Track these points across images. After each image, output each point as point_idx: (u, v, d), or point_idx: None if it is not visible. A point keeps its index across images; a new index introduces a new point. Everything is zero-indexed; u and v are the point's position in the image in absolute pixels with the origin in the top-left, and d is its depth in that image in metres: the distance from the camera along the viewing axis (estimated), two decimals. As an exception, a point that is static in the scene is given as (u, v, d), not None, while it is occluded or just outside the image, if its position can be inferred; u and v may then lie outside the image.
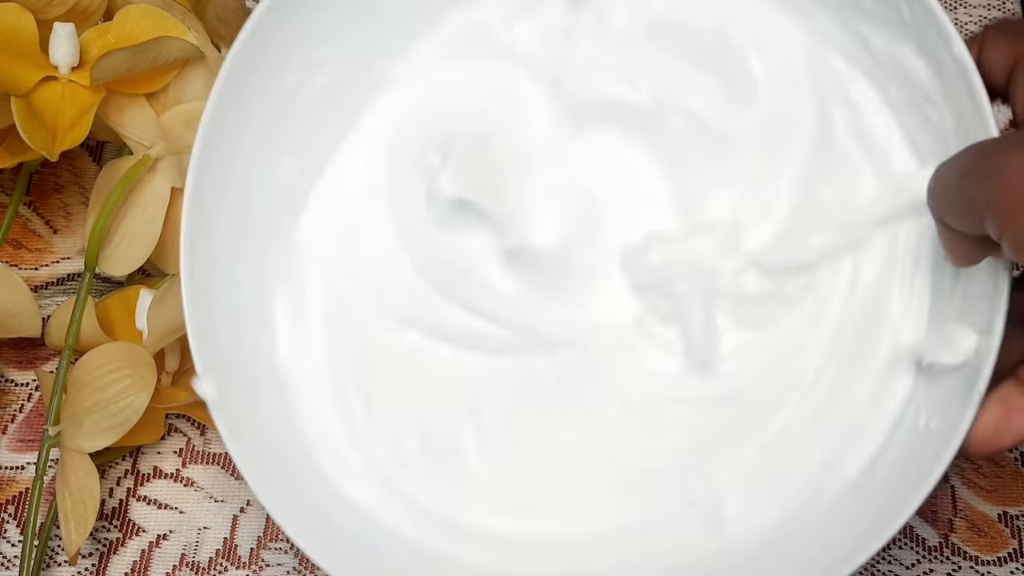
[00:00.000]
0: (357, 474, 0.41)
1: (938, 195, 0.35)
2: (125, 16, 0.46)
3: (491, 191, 0.42)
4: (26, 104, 0.43)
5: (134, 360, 0.44)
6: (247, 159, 0.41)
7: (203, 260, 0.40)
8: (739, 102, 0.41)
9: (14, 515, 0.47)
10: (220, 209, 0.40)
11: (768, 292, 0.40)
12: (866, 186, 0.39)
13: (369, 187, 0.43)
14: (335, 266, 0.43)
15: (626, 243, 0.41)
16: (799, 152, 0.40)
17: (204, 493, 0.47)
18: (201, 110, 0.46)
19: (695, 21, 0.41)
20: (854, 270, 0.39)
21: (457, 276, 0.42)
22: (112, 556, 0.46)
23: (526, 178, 0.42)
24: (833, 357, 0.39)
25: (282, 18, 0.40)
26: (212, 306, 0.40)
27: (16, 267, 0.52)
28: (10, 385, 0.50)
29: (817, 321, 0.40)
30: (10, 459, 0.48)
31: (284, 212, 0.43)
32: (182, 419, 0.49)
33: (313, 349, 0.42)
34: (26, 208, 0.53)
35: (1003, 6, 0.56)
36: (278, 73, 0.41)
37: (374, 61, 0.43)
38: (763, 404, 0.39)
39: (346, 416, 0.42)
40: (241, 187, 0.41)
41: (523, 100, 0.43)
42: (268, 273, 0.42)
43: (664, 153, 0.42)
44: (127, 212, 0.46)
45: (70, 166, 0.54)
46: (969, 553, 0.45)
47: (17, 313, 0.46)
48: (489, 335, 0.42)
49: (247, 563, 0.46)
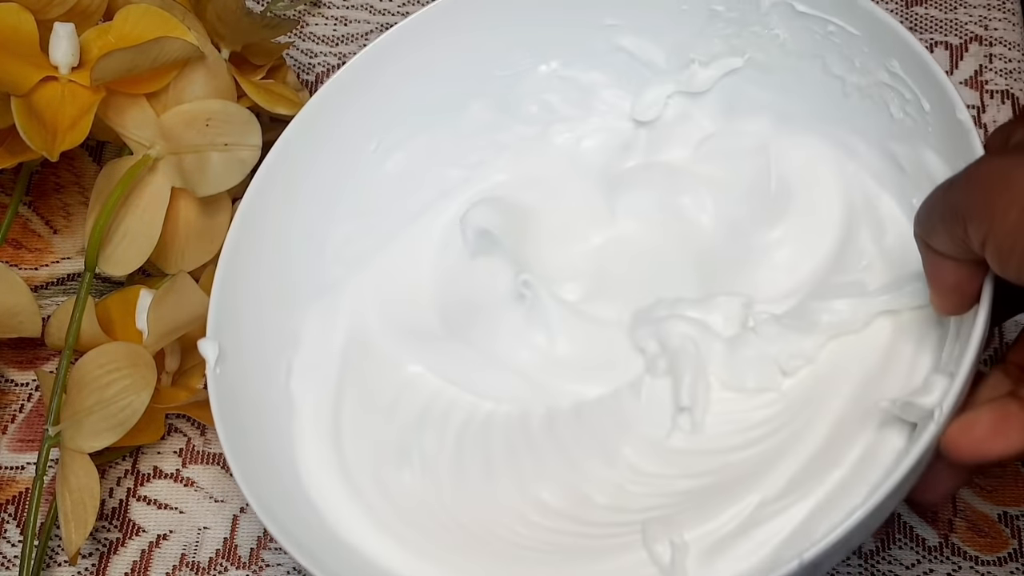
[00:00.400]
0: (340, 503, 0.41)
1: (923, 215, 0.35)
2: (125, 16, 0.46)
3: (517, 235, 0.45)
4: (26, 104, 0.43)
5: (134, 360, 0.44)
6: (302, 205, 0.45)
7: (237, 274, 0.42)
8: (775, 214, 0.44)
9: (14, 515, 0.47)
10: (266, 238, 0.44)
11: (766, 359, 0.41)
12: (876, 279, 0.41)
13: (426, 247, 0.47)
14: (365, 299, 0.46)
15: (638, 306, 0.43)
16: (821, 255, 0.43)
17: (204, 493, 0.47)
18: (201, 110, 0.46)
19: (740, 145, 0.45)
20: (854, 343, 0.40)
21: (472, 315, 0.45)
22: (112, 556, 0.46)
23: (556, 235, 0.46)
24: (825, 425, 0.39)
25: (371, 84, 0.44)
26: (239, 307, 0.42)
27: (16, 267, 0.52)
28: (10, 385, 0.50)
29: (813, 391, 0.40)
30: (10, 459, 0.48)
31: (337, 266, 0.46)
32: (182, 419, 0.49)
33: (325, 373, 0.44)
34: (26, 208, 0.53)
35: (1003, 6, 0.56)
36: (359, 135, 0.45)
37: (449, 154, 0.47)
38: (744, 470, 0.39)
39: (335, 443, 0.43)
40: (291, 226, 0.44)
41: (567, 182, 0.47)
42: (299, 295, 0.45)
43: (694, 245, 0.45)
44: (127, 212, 0.46)
45: (70, 166, 0.54)
46: (969, 553, 0.45)
47: (17, 313, 0.46)
48: (489, 379, 0.44)
49: (247, 563, 0.46)
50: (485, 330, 0.45)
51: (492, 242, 0.45)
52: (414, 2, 0.58)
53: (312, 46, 0.57)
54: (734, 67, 0.46)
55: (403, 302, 0.46)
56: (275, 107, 0.48)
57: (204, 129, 0.45)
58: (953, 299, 0.35)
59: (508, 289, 0.45)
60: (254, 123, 0.46)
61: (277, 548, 0.46)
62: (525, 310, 0.45)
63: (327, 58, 0.56)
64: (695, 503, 0.39)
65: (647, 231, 0.46)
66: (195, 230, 0.47)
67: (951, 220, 0.33)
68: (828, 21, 0.42)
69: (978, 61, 0.55)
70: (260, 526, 0.47)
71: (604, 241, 0.46)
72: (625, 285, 0.45)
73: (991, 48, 0.55)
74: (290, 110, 0.49)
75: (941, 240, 0.34)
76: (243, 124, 0.45)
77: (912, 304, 0.39)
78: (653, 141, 0.47)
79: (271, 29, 0.50)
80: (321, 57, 0.56)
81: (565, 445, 0.42)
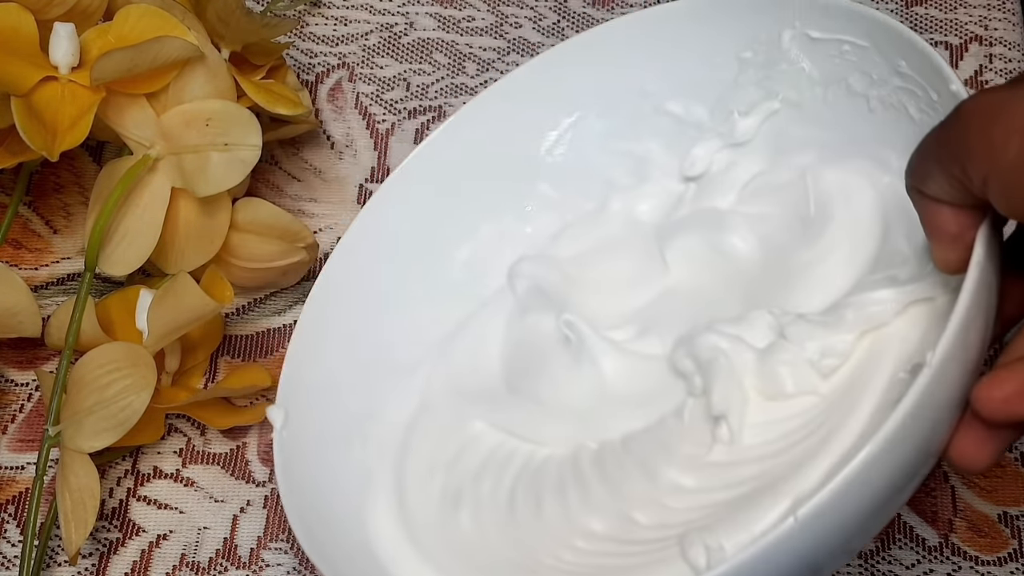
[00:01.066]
0: None
1: (915, 161, 0.33)
2: (125, 16, 0.46)
3: (567, 289, 0.46)
4: (26, 104, 0.43)
5: (134, 360, 0.43)
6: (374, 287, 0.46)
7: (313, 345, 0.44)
8: (813, 235, 0.44)
9: (14, 515, 0.47)
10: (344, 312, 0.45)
11: (801, 363, 0.40)
12: (908, 271, 0.40)
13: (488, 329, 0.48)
14: (439, 376, 0.46)
15: (679, 335, 0.43)
16: (858, 266, 0.42)
17: (204, 493, 0.47)
18: (201, 110, 0.46)
19: (779, 179, 0.46)
20: (885, 337, 0.39)
21: (526, 367, 0.46)
22: (112, 556, 0.46)
23: (606, 290, 0.47)
24: (862, 421, 0.39)
25: None
26: None
27: (16, 267, 0.52)
28: (10, 385, 0.50)
29: (848, 390, 0.39)
30: (10, 459, 0.48)
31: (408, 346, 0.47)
32: (182, 419, 0.49)
33: None
34: (26, 208, 0.53)
35: (1003, 6, 0.56)
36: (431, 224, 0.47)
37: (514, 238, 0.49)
38: (780, 475, 0.39)
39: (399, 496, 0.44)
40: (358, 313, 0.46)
41: (620, 242, 0.48)
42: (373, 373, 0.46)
43: (738, 278, 0.45)
44: (127, 212, 0.46)
45: (70, 166, 0.54)
46: (969, 553, 0.45)
47: (17, 313, 0.46)
48: (546, 426, 0.44)
49: (247, 563, 0.46)
50: (538, 378, 0.45)
51: (544, 298, 0.46)
52: (414, 2, 0.58)
53: (312, 46, 0.57)
54: (773, 110, 0.47)
55: (470, 372, 0.47)
56: (275, 107, 0.48)
57: (204, 129, 0.45)
58: (957, 250, 0.33)
59: (554, 333, 0.46)
60: (254, 123, 0.46)
61: (277, 548, 0.46)
62: (572, 352, 0.45)
63: (327, 58, 0.56)
64: (731, 511, 0.38)
65: (694, 273, 0.46)
66: (195, 230, 0.47)
67: (947, 160, 0.31)
68: (841, 41, 0.43)
69: (978, 61, 0.55)
70: (260, 526, 0.47)
71: (657, 294, 0.47)
72: (670, 322, 0.45)
73: (991, 48, 0.55)
74: (290, 110, 0.49)
75: (938, 185, 0.32)
76: (243, 124, 0.45)
77: (944, 291, 0.38)
78: (701, 191, 0.48)
79: (271, 29, 0.50)
80: (321, 57, 0.56)
81: (610, 475, 0.42)
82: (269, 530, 0.47)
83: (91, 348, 0.44)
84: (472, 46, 0.57)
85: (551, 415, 0.44)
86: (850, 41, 0.43)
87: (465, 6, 0.58)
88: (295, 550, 0.46)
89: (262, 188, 0.53)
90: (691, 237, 0.47)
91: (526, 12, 0.58)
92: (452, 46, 0.57)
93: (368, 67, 0.56)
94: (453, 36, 0.57)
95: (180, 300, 0.44)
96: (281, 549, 0.46)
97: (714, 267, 0.46)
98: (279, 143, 0.54)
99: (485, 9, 0.58)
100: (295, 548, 0.46)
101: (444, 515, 0.43)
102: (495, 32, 0.57)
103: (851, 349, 0.39)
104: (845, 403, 0.39)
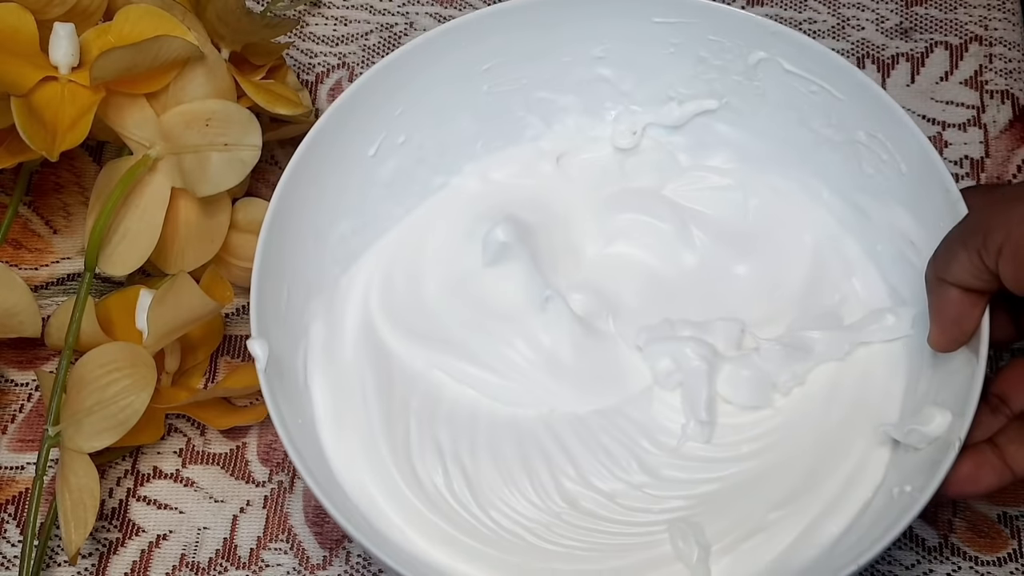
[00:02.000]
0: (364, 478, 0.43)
1: (942, 251, 0.39)
2: (125, 16, 0.46)
3: (530, 249, 0.47)
4: (26, 104, 0.43)
5: (134, 360, 0.43)
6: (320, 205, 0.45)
7: (270, 265, 0.43)
8: (748, 247, 0.48)
9: (14, 515, 0.47)
10: (292, 238, 0.44)
11: (763, 379, 0.45)
12: (851, 314, 0.46)
13: (425, 247, 0.48)
14: (378, 303, 0.47)
15: (645, 323, 0.46)
16: (794, 285, 0.47)
17: (204, 493, 0.47)
18: (201, 110, 0.46)
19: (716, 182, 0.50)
20: (839, 368, 0.45)
21: (487, 322, 0.47)
22: (112, 556, 0.46)
23: (558, 249, 0.48)
24: (818, 440, 0.44)
25: (372, 101, 0.46)
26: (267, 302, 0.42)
27: (16, 267, 0.52)
28: (10, 385, 0.50)
29: (805, 409, 0.45)
30: (10, 459, 0.48)
31: (336, 264, 0.47)
32: (182, 419, 0.49)
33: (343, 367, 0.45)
34: (26, 208, 0.53)
35: (1003, 6, 0.56)
36: (362, 142, 0.46)
37: (447, 154, 0.49)
38: (751, 478, 0.44)
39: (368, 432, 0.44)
40: (308, 232, 0.45)
41: (560, 200, 0.49)
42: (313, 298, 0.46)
43: (680, 270, 0.48)
44: (127, 212, 0.46)
45: (70, 166, 0.54)
46: (969, 553, 0.45)
47: (17, 313, 0.46)
48: (509, 386, 0.46)
49: (247, 563, 0.46)
50: (501, 337, 0.46)
51: (508, 254, 0.47)
52: (414, 2, 0.58)
53: (312, 46, 0.57)
54: (709, 108, 0.49)
55: (410, 303, 0.47)
56: (275, 107, 0.48)
57: (204, 129, 0.45)
58: (952, 333, 0.40)
59: (525, 299, 0.47)
60: (254, 123, 0.46)
61: (277, 548, 0.46)
62: (544, 322, 0.46)
63: (327, 58, 0.56)
64: (713, 507, 0.43)
65: (636, 252, 0.49)
66: (195, 230, 0.47)
67: (970, 235, 0.38)
68: (812, 82, 0.45)
69: (978, 61, 0.55)
70: (260, 526, 0.47)
71: (600, 256, 0.49)
72: (625, 301, 0.48)
73: (991, 48, 0.55)
74: (290, 110, 0.49)
75: (959, 264, 0.38)
76: (243, 124, 0.45)
77: (883, 338, 0.45)
78: (631, 168, 0.50)
79: (271, 29, 0.50)
80: (321, 57, 0.56)
81: (591, 448, 0.44)
82: (269, 530, 0.47)
83: (91, 348, 0.44)
84: (472, 46, 0.57)
85: (513, 376, 0.46)
86: (825, 88, 0.45)
87: (465, 6, 0.58)
88: (295, 550, 0.46)
89: (262, 188, 0.53)
90: (629, 216, 0.49)
91: (526, 12, 0.57)
92: (452, 46, 0.57)
93: (368, 67, 0.56)
94: (453, 36, 0.57)
95: (180, 300, 0.44)
96: (281, 549, 0.46)
97: (652, 251, 0.49)
98: (279, 143, 0.54)
99: (485, 9, 0.58)
100: (295, 548, 0.46)
101: (418, 467, 0.44)
102: (495, 32, 0.57)
103: (806, 376, 0.45)
104: (803, 423, 0.44)
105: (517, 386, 0.46)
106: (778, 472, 0.43)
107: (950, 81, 0.55)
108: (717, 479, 0.44)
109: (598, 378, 0.46)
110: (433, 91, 0.47)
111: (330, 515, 0.39)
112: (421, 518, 0.42)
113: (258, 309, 0.41)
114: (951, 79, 0.55)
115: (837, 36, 0.56)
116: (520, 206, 0.49)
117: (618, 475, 0.44)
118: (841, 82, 0.44)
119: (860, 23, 0.56)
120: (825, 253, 0.47)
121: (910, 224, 0.44)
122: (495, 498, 0.43)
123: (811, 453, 0.43)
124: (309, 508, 0.47)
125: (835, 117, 0.45)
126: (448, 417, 0.45)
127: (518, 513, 0.43)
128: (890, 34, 0.56)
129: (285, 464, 0.48)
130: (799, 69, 0.45)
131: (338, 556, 0.46)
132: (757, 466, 0.44)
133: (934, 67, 0.55)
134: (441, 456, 0.44)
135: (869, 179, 0.45)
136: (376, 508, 0.42)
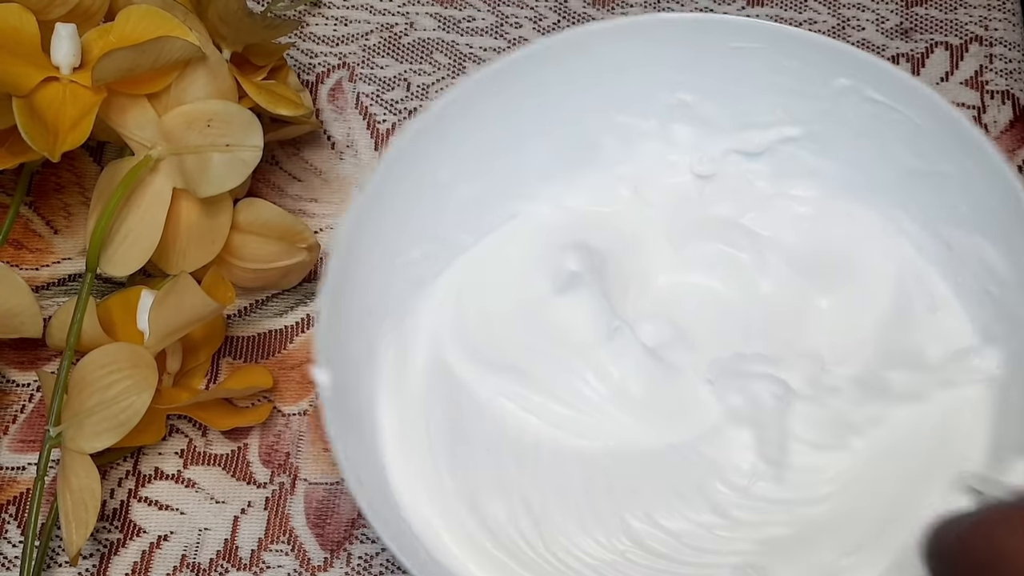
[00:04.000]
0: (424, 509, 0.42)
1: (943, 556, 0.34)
2: (127, 16, 0.46)
3: (601, 277, 0.46)
4: (27, 105, 0.43)
5: (135, 361, 0.43)
6: (390, 227, 0.44)
7: (340, 289, 0.41)
8: (829, 278, 0.47)
9: (15, 516, 0.47)
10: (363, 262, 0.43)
11: (838, 419, 0.43)
12: (933, 352, 0.44)
13: (496, 275, 0.47)
14: (447, 330, 0.46)
15: (715, 356, 0.45)
16: (876, 319, 0.45)
17: (205, 494, 0.47)
18: (203, 111, 0.46)
19: (795, 211, 0.48)
20: (920, 410, 0.43)
21: (555, 352, 0.45)
22: (113, 557, 0.46)
23: (629, 277, 0.47)
24: (894, 485, 0.42)
25: (449, 124, 0.44)
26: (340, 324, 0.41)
27: (17, 267, 0.52)
28: (11, 386, 0.50)
29: (882, 452, 0.43)
30: (11, 459, 0.48)
31: (405, 290, 0.46)
32: (183, 420, 0.49)
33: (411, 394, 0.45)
34: (27, 208, 0.53)
35: (1003, 6, 0.56)
36: (436, 166, 0.45)
37: (521, 180, 0.48)
38: (822, 522, 0.42)
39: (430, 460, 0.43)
40: (379, 257, 0.44)
41: (635, 227, 0.48)
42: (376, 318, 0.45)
43: (755, 301, 0.47)
44: (128, 213, 0.46)
45: (71, 167, 0.54)
46: (970, 554, 0.45)
47: (18, 314, 0.46)
48: (578, 418, 0.45)
49: (248, 565, 0.46)
50: (569, 367, 0.45)
51: (578, 282, 0.46)
52: (414, 2, 0.58)
53: (313, 46, 0.57)
54: (790, 135, 0.47)
55: (478, 330, 0.46)
56: (276, 108, 0.48)
57: (205, 130, 0.45)
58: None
59: (594, 329, 0.46)
60: (255, 124, 0.46)
61: (278, 550, 0.46)
62: (612, 353, 0.45)
63: (327, 58, 0.56)
64: (781, 552, 0.41)
65: (710, 281, 0.47)
66: (196, 231, 0.47)
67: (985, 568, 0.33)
68: (897, 111, 0.44)
69: (978, 61, 0.55)
70: (261, 527, 0.47)
71: (673, 285, 0.47)
72: (697, 332, 0.46)
73: (991, 48, 0.55)
74: (291, 111, 0.49)
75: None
76: (244, 125, 0.45)
77: (968, 380, 0.43)
78: (709, 195, 0.48)
79: (272, 30, 0.50)
80: (321, 57, 0.56)
81: (658, 485, 0.43)
82: (270, 532, 0.47)
83: (92, 349, 0.44)
84: (472, 46, 0.57)
85: (580, 407, 0.45)
86: (909, 117, 0.44)
87: (465, 6, 0.58)
88: (296, 552, 0.46)
89: (263, 188, 0.53)
90: (705, 245, 0.48)
91: (526, 12, 0.58)
92: (452, 46, 0.57)
93: (368, 67, 0.56)
94: (453, 36, 0.57)
95: (181, 301, 0.44)
96: (282, 551, 0.46)
97: (728, 282, 0.47)
98: (280, 143, 0.54)
99: (485, 9, 0.58)
100: (296, 550, 0.46)
101: (480, 498, 0.42)
102: (495, 32, 0.57)
103: (884, 417, 0.43)
104: (878, 466, 0.42)
105: (584, 417, 0.44)
106: (850, 517, 0.42)
107: (950, 81, 0.55)
108: (787, 522, 0.42)
109: (667, 412, 0.44)
110: (510, 115, 0.46)
111: (392, 553, 0.37)
112: (485, 555, 0.41)
113: (324, 334, 0.40)
114: (951, 79, 0.55)
115: (837, 36, 0.56)
116: (593, 233, 0.47)
117: (686, 514, 0.42)
118: (926, 112, 0.43)
119: (860, 23, 0.57)
120: (908, 287, 0.46)
121: (996, 259, 0.42)
122: (558, 534, 0.42)
123: (886, 499, 0.42)
124: (310, 510, 0.47)
125: (921, 146, 0.44)
126: (513, 448, 0.44)
127: (582, 550, 0.42)
128: (890, 34, 0.56)
129: (287, 465, 0.48)
130: (883, 96, 0.44)
131: (339, 558, 0.46)
132: (829, 510, 0.42)
133: (934, 67, 0.55)
134: (505, 489, 0.43)
135: (953, 211, 0.44)
136: (440, 543, 0.41)
